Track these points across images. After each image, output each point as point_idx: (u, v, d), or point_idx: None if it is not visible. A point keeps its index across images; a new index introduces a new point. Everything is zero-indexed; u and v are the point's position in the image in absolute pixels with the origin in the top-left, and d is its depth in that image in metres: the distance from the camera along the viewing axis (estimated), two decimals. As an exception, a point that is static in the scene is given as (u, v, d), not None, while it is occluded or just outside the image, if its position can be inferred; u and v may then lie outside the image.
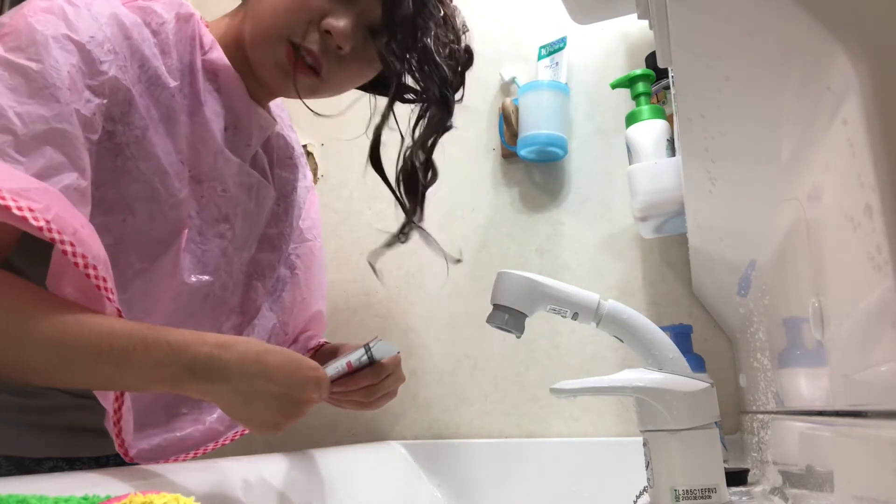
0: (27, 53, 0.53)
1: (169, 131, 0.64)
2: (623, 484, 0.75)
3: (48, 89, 0.53)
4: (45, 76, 0.53)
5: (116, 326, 0.52)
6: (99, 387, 0.54)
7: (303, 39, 0.65)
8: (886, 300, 0.28)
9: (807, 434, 0.48)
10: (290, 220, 0.86)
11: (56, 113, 0.53)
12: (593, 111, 1.13)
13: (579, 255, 1.09)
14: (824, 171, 0.36)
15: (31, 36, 0.54)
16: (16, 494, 0.36)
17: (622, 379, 0.58)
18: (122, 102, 0.59)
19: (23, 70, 0.53)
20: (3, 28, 0.55)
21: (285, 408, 0.57)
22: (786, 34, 0.34)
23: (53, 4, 0.57)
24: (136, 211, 0.62)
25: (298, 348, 0.88)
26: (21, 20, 0.55)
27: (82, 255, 0.50)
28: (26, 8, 0.56)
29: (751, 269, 0.66)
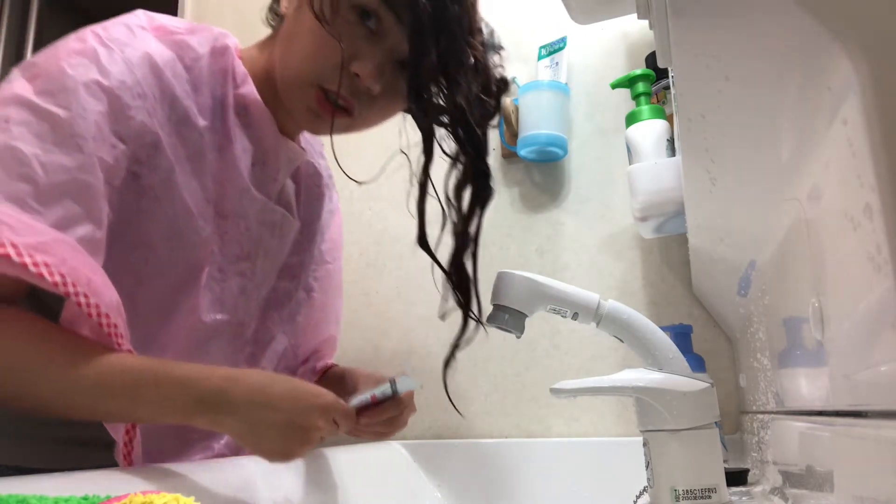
0: (56, 99, 0.54)
1: (195, 170, 0.65)
2: (623, 484, 0.75)
3: (74, 138, 0.54)
4: (71, 124, 0.54)
5: (128, 363, 0.53)
6: (115, 420, 0.56)
7: (332, 84, 0.65)
8: (886, 300, 0.28)
9: (807, 434, 0.48)
10: (312, 249, 0.86)
11: (79, 164, 0.54)
12: (593, 111, 1.13)
13: (579, 255, 1.09)
14: (824, 171, 0.36)
15: (61, 81, 0.54)
16: (16, 494, 0.36)
17: (622, 379, 0.58)
18: (149, 146, 0.60)
19: (50, 116, 0.53)
20: (35, 68, 0.56)
21: (292, 435, 0.57)
22: (786, 34, 0.34)
23: (87, 47, 0.57)
24: (157, 250, 0.63)
25: (307, 370, 0.89)
26: (54, 63, 0.56)
27: (95, 305, 0.52)
28: (60, 49, 0.57)
29: (751, 269, 0.66)
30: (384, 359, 1.15)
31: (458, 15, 0.65)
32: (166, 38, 0.64)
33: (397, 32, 0.65)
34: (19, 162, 0.51)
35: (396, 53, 0.66)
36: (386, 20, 0.64)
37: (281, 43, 0.69)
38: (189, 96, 0.64)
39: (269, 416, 0.56)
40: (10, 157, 0.51)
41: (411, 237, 0.72)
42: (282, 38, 0.70)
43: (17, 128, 0.52)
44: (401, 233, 1.17)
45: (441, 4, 0.63)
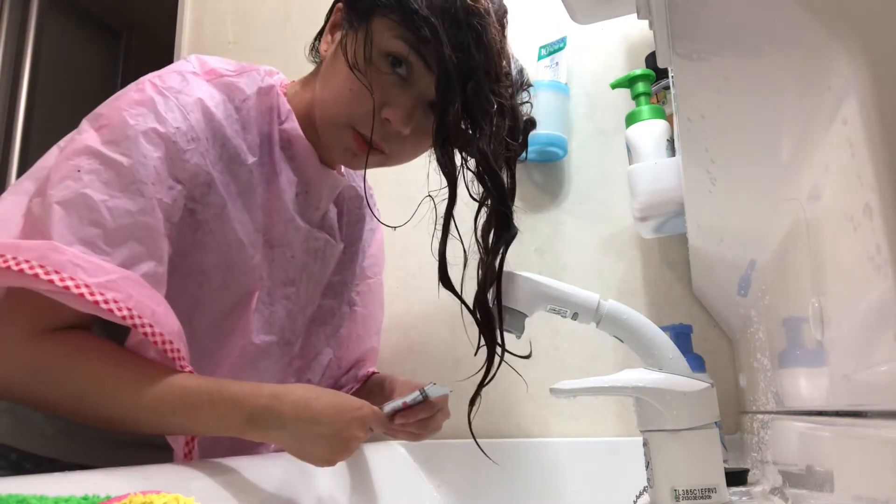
0: (120, 148, 0.61)
1: (246, 204, 0.70)
2: (623, 484, 0.75)
3: (135, 184, 0.60)
4: (133, 171, 0.60)
5: (186, 385, 0.60)
6: (175, 433, 0.63)
7: (365, 128, 0.70)
8: (886, 300, 0.28)
9: (807, 434, 0.48)
10: (354, 267, 0.92)
11: (140, 207, 0.60)
12: (593, 111, 1.13)
13: (579, 255, 1.09)
14: (824, 171, 0.36)
15: (123, 130, 0.61)
16: (16, 494, 0.36)
17: (622, 379, 0.58)
18: (203, 185, 0.66)
19: (115, 164, 0.60)
20: (101, 119, 0.63)
21: (334, 446, 0.64)
22: (786, 34, 0.34)
23: (145, 97, 0.64)
24: (211, 277, 0.69)
25: (350, 378, 0.94)
26: (116, 114, 0.63)
27: (160, 334, 0.59)
28: (122, 100, 0.64)
29: (751, 269, 0.66)
30: (384, 359, 1.14)
31: (483, 63, 0.68)
32: (217, 81, 0.70)
33: (427, 78, 0.69)
34: (90, 208, 0.58)
35: (426, 96, 0.71)
36: (416, 67, 0.69)
37: (319, 83, 0.75)
38: (238, 135, 0.69)
39: (313, 430, 0.62)
40: (82, 203, 0.58)
41: (411, 237, 0.72)
42: (320, 78, 0.75)
43: (87, 176, 0.59)
44: (400, 232, 1.17)
45: (467, 54, 0.67)
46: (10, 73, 1.85)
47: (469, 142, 0.71)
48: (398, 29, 0.68)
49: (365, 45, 0.69)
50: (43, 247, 0.56)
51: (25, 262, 0.55)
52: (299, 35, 1.39)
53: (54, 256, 0.56)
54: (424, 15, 0.66)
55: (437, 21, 0.66)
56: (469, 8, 0.67)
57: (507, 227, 0.74)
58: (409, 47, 0.68)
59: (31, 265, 0.55)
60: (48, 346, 0.59)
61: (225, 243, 0.69)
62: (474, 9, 0.68)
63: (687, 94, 0.51)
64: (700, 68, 0.44)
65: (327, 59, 0.75)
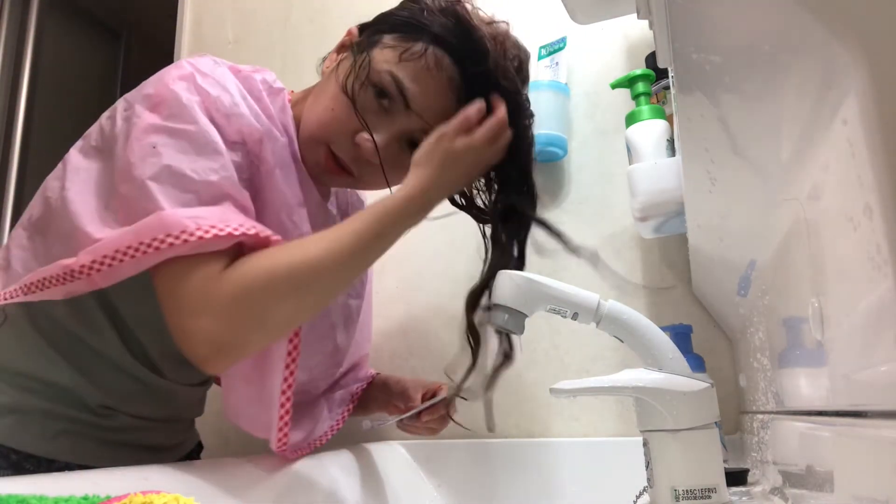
0: (183, 118, 0.63)
1: (285, 178, 0.72)
2: (623, 484, 0.75)
3: (210, 145, 0.63)
4: (203, 135, 0.63)
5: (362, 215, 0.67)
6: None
7: (337, 148, 0.73)
8: (886, 300, 0.28)
9: (807, 434, 0.48)
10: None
11: (221, 164, 0.63)
12: (593, 111, 1.13)
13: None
14: (824, 171, 0.36)
15: (179, 102, 0.64)
16: (16, 494, 0.36)
17: (622, 379, 0.58)
18: (257, 142, 0.69)
19: (185, 134, 0.63)
20: (153, 98, 0.65)
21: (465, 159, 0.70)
22: (786, 34, 0.34)
23: (186, 73, 0.67)
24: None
25: (349, 379, 0.96)
26: (166, 90, 0.65)
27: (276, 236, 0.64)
28: (166, 78, 0.66)
29: (751, 269, 0.66)
30: (384, 359, 1.14)
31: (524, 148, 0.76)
32: (236, 75, 0.72)
33: (405, 115, 0.72)
34: (178, 177, 0.61)
35: (406, 132, 0.73)
36: (397, 102, 0.72)
37: (311, 98, 0.77)
38: (267, 117, 0.72)
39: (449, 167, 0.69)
40: (169, 174, 0.61)
41: (410, 237, 0.72)
42: (313, 93, 0.78)
43: (164, 150, 0.61)
44: (401, 233, 1.17)
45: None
46: (10, 73, 1.86)
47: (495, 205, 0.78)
48: (394, 64, 0.71)
49: (359, 70, 0.72)
50: (158, 219, 0.58)
51: (154, 240, 0.57)
52: (299, 35, 1.39)
53: (172, 221, 0.58)
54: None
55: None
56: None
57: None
58: (395, 85, 0.71)
59: (160, 240, 0.57)
60: (230, 279, 0.61)
61: (277, 204, 0.70)
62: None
63: (687, 94, 0.51)
64: (700, 68, 0.44)
65: (325, 76, 0.78)
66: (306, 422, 0.82)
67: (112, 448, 0.73)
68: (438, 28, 0.71)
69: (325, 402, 0.89)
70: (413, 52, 0.71)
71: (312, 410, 0.85)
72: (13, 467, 0.66)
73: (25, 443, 0.67)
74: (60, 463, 0.69)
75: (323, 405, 0.88)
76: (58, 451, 0.69)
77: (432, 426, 0.88)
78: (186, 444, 0.89)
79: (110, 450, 0.73)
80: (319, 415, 0.86)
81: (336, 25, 1.35)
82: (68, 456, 0.70)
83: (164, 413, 0.79)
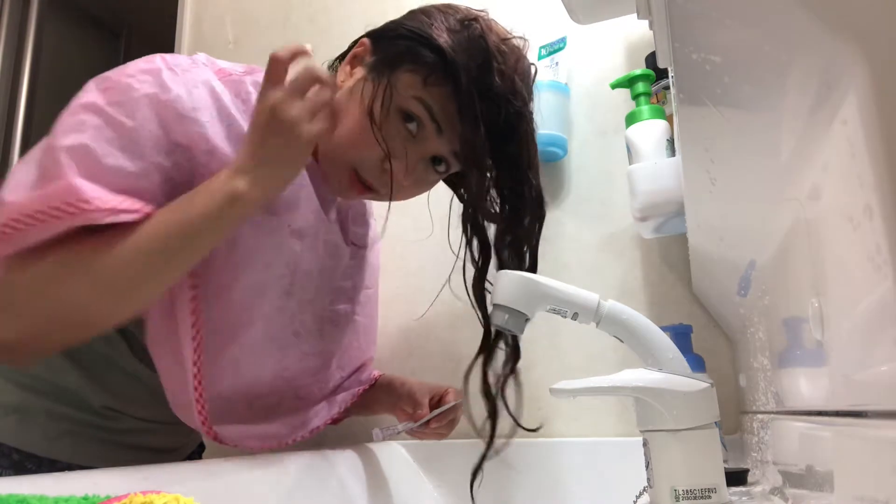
0: (124, 109, 0.62)
1: None
2: (623, 484, 0.75)
3: (136, 146, 0.61)
4: (135, 133, 0.61)
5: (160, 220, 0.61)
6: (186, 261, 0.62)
7: (365, 173, 0.72)
8: (886, 300, 0.28)
9: (807, 434, 0.48)
10: (363, 273, 0.94)
11: (138, 170, 0.61)
12: (593, 111, 1.13)
13: (579, 255, 1.09)
14: (824, 171, 0.36)
15: (128, 93, 0.62)
16: (16, 494, 0.36)
17: (622, 379, 0.58)
18: (205, 153, 0.65)
19: (119, 125, 0.61)
20: (106, 82, 0.64)
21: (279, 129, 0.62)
22: (786, 34, 0.34)
23: (153, 67, 0.65)
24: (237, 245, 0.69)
25: (352, 382, 0.95)
26: (122, 78, 0.63)
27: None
28: (130, 67, 0.65)
29: (751, 269, 0.66)
30: (384, 359, 1.14)
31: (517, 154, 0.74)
32: (224, 78, 0.70)
33: (435, 138, 0.72)
34: (91, 159, 0.59)
35: (430, 152, 0.73)
36: (427, 127, 0.71)
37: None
38: (246, 121, 0.68)
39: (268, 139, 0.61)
40: (85, 153, 0.59)
41: (410, 237, 0.73)
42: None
43: (90, 130, 0.60)
44: (400, 232, 1.17)
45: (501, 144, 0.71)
46: (10, 73, 1.86)
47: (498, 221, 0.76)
48: (420, 90, 0.70)
49: (384, 97, 0.70)
50: (67, 186, 0.57)
51: (64, 204, 0.56)
52: (299, 35, 1.39)
53: (82, 189, 0.57)
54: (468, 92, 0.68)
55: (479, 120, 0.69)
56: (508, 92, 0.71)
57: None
58: (427, 112, 0.70)
59: (70, 204, 0.56)
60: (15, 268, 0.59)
61: None
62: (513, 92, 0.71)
63: (687, 94, 0.51)
64: (700, 68, 0.44)
65: (343, 93, 0.74)
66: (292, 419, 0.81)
67: (115, 449, 0.74)
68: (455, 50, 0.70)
69: (327, 403, 0.89)
70: (437, 76, 0.69)
71: (308, 411, 0.85)
72: (15, 467, 0.66)
73: (28, 442, 0.68)
74: (62, 463, 0.69)
75: (323, 406, 0.88)
76: (60, 452, 0.69)
77: (441, 431, 0.89)
78: (188, 447, 0.89)
79: (113, 451, 0.73)
80: (316, 413, 0.86)
81: (336, 25, 1.35)
82: (71, 457, 0.70)
83: (167, 415, 0.79)
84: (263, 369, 0.76)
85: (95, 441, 0.72)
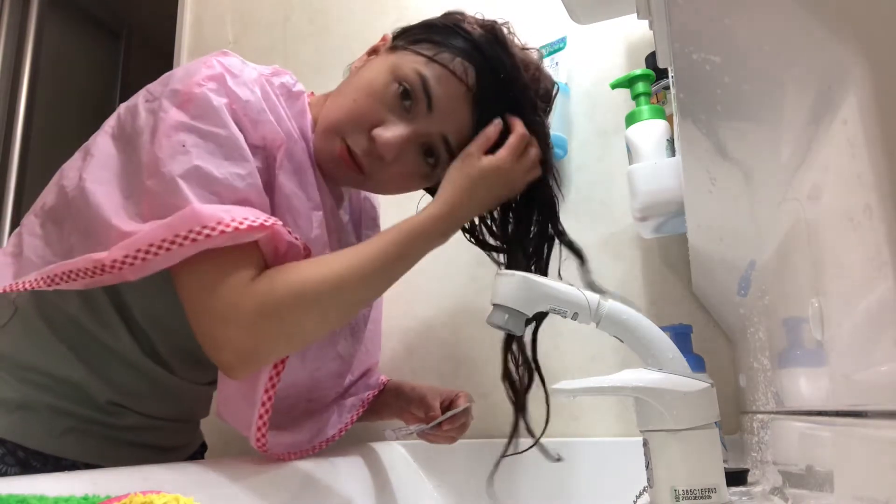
0: (212, 120, 0.63)
1: (300, 182, 0.71)
2: (623, 484, 0.75)
3: (238, 151, 0.63)
4: (232, 140, 0.63)
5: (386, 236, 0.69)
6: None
7: (352, 141, 0.72)
8: (886, 300, 0.28)
9: (807, 434, 0.48)
10: None
11: (248, 171, 0.64)
12: (593, 111, 1.13)
13: (579, 255, 1.09)
14: (824, 171, 0.36)
15: (209, 103, 0.64)
16: (16, 494, 0.36)
17: (622, 379, 0.58)
18: (278, 148, 0.68)
19: (214, 136, 0.63)
20: (181, 95, 0.64)
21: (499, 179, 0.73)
22: (786, 34, 0.34)
23: (216, 73, 0.66)
24: None
25: (360, 387, 0.95)
26: (195, 88, 0.64)
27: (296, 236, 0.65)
28: (195, 76, 0.65)
29: (751, 269, 0.66)
30: (384, 358, 1.14)
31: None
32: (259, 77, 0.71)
33: (425, 118, 0.71)
34: (206, 178, 0.61)
35: (424, 137, 0.72)
36: (420, 103, 0.71)
37: (333, 94, 0.77)
38: (287, 118, 0.72)
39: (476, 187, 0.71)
40: (198, 174, 0.61)
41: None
42: (336, 90, 0.78)
43: (194, 150, 0.61)
44: (401, 233, 1.17)
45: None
46: (10, 73, 1.86)
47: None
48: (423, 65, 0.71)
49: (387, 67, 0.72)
50: (192, 213, 0.58)
51: (191, 232, 0.57)
52: (299, 35, 1.39)
53: (207, 213, 0.58)
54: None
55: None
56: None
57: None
58: (421, 84, 0.70)
59: (198, 231, 0.57)
60: (258, 289, 0.62)
61: (292, 209, 0.70)
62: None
63: (687, 94, 0.51)
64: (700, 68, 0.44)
65: (351, 74, 0.78)
66: (310, 425, 0.81)
67: (119, 447, 0.73)
68: (474, 40, 0.72)
69: (336, 408, 0.88)
70: (443, 56, 0.71)
71: (321, 416, 0.85)
72: (20, 464, 0.66)
73: (32, 440, 0.67)
74: (67, 461, 0.69)
75: (333, 411, 0.87)
76: (65, 449, 0.69)
77: (452, 434, 0.89)
78: (191, 446, 0.89)
79: (117, 449, 0.73)
80: (328, 420, 0.85)
81: (336, 25, 1.35)
82: (75, 454, 0.70)
83: (172, 412, 0.79)
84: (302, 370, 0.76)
85: (100, 438, 0.72)
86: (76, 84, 2.07)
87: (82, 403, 0.70)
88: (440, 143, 0.73)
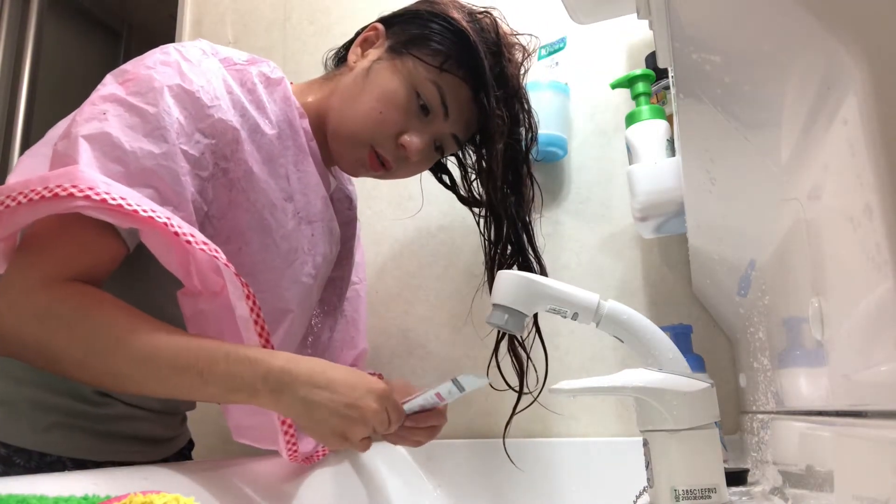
0: (146, 98, 0.62)
1: (271, 172, 0.71)
2: (623, 484, 0.75)
3: (159, 131, 0.62)
4: (158, 119, 0.62)
5: (203, 343, 0.60)
6: (184, 396, 0.61)
7: (382, 149, 0.77)
8: (886, 300, 0.28)
9: (807, 434, 0.48)
10: (350, 267, 0.96)
11: (164, 152, 0.61)
12: (593, 111, 1.13)
13: (579, 255, 1.09)
14: (824, 171, 0.36)
15: (149, 83, 0.63)
16: (16, 494, 0.36)
17: (622, 379, 0.58)
18: (232, 141, 0.67)
19: (140, 112, 0.61)
20: (126, 75, 0.65)
21: (348, 418, 0.62)
22: (786, 34, 0.34)
23: (170, 59, 0.66)
24: (249, 240, 0.70)
25: None
26: (142, 70, 0.64)
27: (178, 225, 0.58)
28: (147, 59, 0.66)
29: (751, 269, 0.66)
30: (384, 359, 1.14)
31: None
32: (230, 67, 0.72)
33: (442, 121, 0.78)
34: (114, 146, 0.59)
35: (439, 140, 0.80)
36: (437, 111, 0.78)
37: (343, 95, 0.79)
38: (254, 111, 0.71)
39: (326, 397, 0.61)
40: (107, 140, 0.59)
41: (409, 237, 0.73)
42: (344, 90, 0.79)
43: (112, 118, 0.60)
44: (399, 232, 1.17)
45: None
46: (10, 73, 1.85)
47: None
48: (437, 75, 0.76)
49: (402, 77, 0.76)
50: (71, 171, 0.55)
51: (57, 186, 0.54)
52: (299, 35, 1.39)
53: (85, 176, 0.55)
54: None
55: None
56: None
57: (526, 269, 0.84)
58: (440, 97, 0.76)
59: (63, 188, 0.54)
60: (63, 292, 0.58)
61: (258, 203, 0.70)
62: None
63: (687, 95, 0.51)
64: (700, 68, 0.44)
65: (357, 73, 0.79)
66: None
67: (106, 440, 0.71)
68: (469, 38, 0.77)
69: None
70: (450, 65, 0.76)
71: None
72: (2, 461, 0.64)
73: (15, 436, 0.65)
74: (52, 457, 0.67)
75: None
76: (50, 444, 0.67)
77: (418, 438, 0.79)
78: (179, 440, 0.88)
79: (104, 442, 0.71)
80: None
81: (336, 25, 1.35)
82: (61, 449, 0.68)
83: (158, 402, 0.77)
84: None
85: (86, 432, 0.70)
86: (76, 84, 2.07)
87: (67, 396, 0.68)
88: (450, 139, 0.81)
